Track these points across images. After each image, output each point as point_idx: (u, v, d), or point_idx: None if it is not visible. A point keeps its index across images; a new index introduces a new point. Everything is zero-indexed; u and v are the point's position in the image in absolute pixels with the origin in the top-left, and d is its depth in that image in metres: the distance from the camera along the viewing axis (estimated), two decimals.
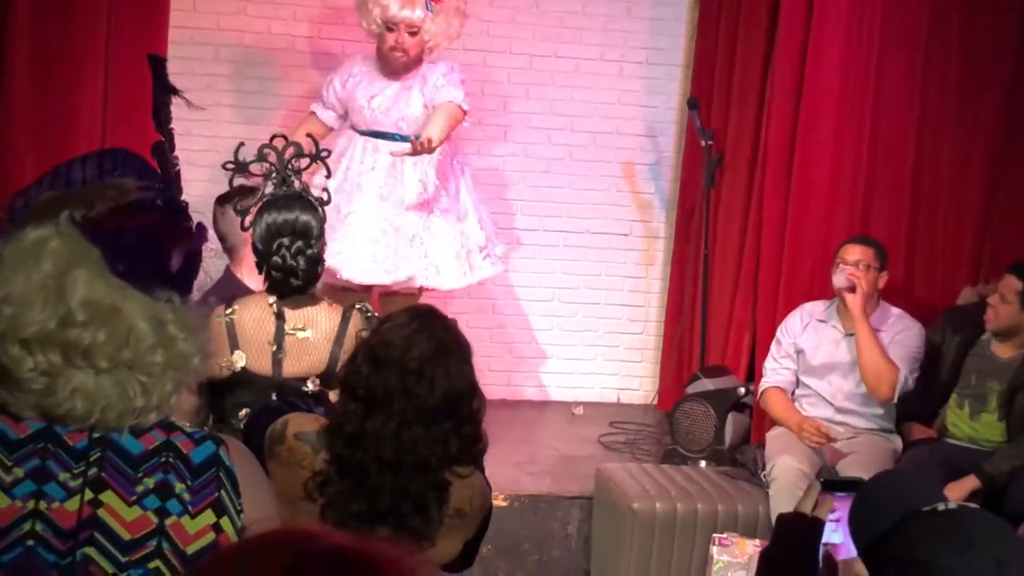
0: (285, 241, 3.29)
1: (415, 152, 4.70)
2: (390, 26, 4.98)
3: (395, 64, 5.05)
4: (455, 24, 5.10)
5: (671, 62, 6.37)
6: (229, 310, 3.30)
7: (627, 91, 6.35)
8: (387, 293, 5.14)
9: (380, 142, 5.06)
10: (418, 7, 4.97)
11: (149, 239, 1.52)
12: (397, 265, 5.02)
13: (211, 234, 3.27)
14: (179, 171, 1.73)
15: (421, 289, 5.15)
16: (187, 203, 1.63)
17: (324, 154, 3.59)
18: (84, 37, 5.05)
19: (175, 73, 5.95)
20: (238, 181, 3.65)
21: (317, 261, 3.34)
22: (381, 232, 5.01)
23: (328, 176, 3.91)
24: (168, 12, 5.36)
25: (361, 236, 4.99)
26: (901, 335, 4.74)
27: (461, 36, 5.27)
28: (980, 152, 5.52)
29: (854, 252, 4.78)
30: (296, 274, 3.29)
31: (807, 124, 5.40)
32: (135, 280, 1.49)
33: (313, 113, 5.28)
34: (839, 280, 4.70)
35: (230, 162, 3.44)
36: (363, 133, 5.11)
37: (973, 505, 1.94)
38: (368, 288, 5.08)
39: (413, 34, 4.99)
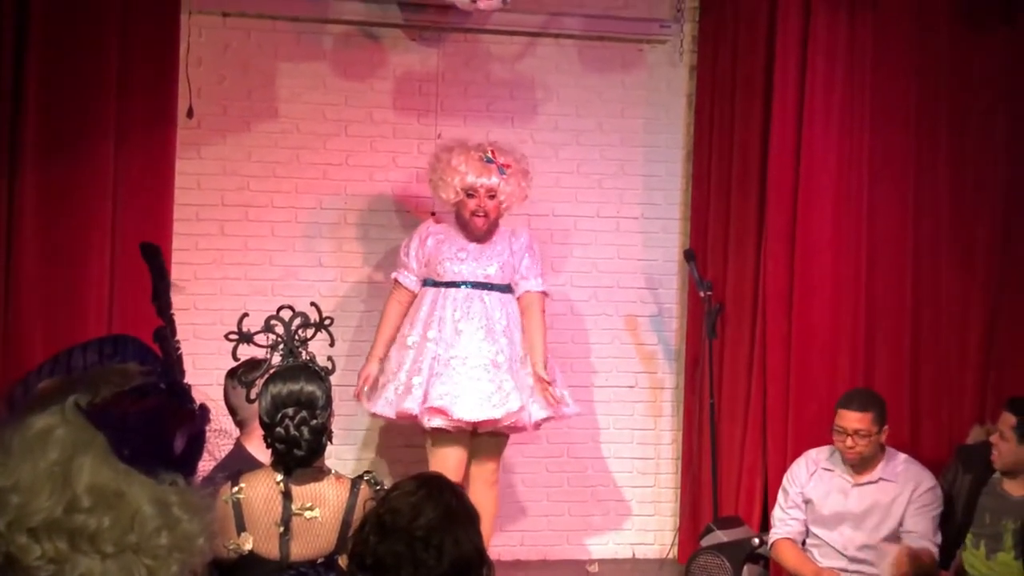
0: (289, 412, 3.29)
1: (545, 387, 5.34)
2: (470, 192, 5.39)
3: (477, 230, 5.47)
4: (524, 185, 5.57)
5: (667, 216, 6.48)
6: (236, 488, 3.28)
7: (625, 245, 6.45)
8: (489, 433, 5.38)
9: (472, 291, 5.42)
10: (493, 174, 5.42)
11: (152, 423, 1.55)
12: (504, 399, 5.30)
13: (216, 413, 3.31)
14: (181, 355, 1.77)
15: (513, 428, 5.42)
16: (190, 386, 1.67)
17: (327, 322, 3.63)
18: (90, 215, 5.19)
19: (181, 249, 6.11)
20: (247, 352, 3.68)
21: (322, 432, 3.32)
22: (484, 370, 5.31)
23: (332, 344, 3.96)
24: (173, 191, 5.52)
25: (466, 376, 5.28)
26: (919, 495, 4.70)
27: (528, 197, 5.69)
28: (978, 284, 5.58)
29: (851, 420, 4.74)
30: (299, 445, 3.28)
31: (803, 270, 5.49)
32: (139, 464, 1.52)
33: (397, 281, 5.56)
34: (839, 446, 4.74)
35: (233, 332, 3.48)
36: (449, 284, 5.42)
37: None
38: (474, 428, 5.33)
39: (492, 197, 5.42)
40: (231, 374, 4.16)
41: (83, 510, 1.47)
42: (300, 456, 3.29)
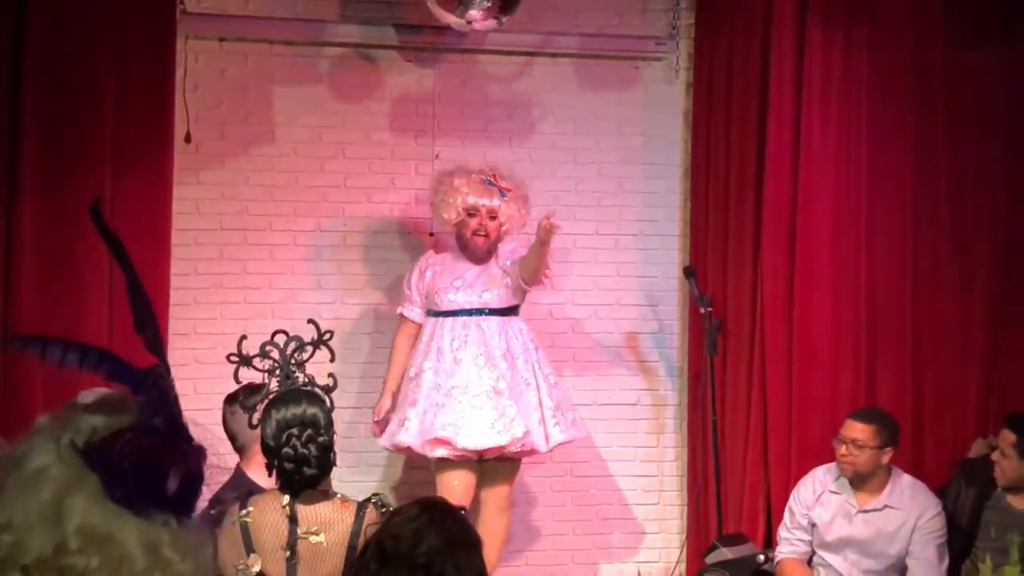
0: (295, 431, 3.32)
1: (548, 233, 5.24)
2: (471, 212, 5.46)
3: (477, 250, 5.52)
4: (523, 211, 5.63)
5: (666, 232, 6.48)
6: (244, 512, 3.30)
7: (624, 263, 6.44)
8: (498, 458, 5.38)
9: (469, 318, 5.45)
10: (494, 196, 5.50)
11: (146, 464, 1.54)
12: (508, 426, 5.30)
13: (213, 445, 3.31)
14: (177, 395, 1.76)
15: (521, 453, 5.43)
16: (187, 423, 1.66)
17: (327, 336, 3.62)
18: (88, 242, 5.17)
19: (180, 273, 6.10)
20: (247, 375, 3.67)
21: (329, 449, 3.36)
22: (486, 398, 5.32)
23: (332, 359, 3.94)
24: (171, 216, 5.52)
25: (467, 405, 5.30)
26: (924, 523, 4.68)
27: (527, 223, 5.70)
28: (979, 296, 5.58)
29: (852, 429, 4.76)
30: (309, 462, 3.31)
31: (802, 285, 5.49)
32: (132, 505, 1.51)
33: (403, 315, 5.64)
34: (836, 454, 4.73)
35: (234, 354, 3.50)
36: (447, 314, 5.46)
37: None
38: (480, 455, 5.32)
39: (493, 218, 5.49)
40: (230, 399, 4.15)
41: (72, 551, 1.47)
42: (310, 474, 3.31)
